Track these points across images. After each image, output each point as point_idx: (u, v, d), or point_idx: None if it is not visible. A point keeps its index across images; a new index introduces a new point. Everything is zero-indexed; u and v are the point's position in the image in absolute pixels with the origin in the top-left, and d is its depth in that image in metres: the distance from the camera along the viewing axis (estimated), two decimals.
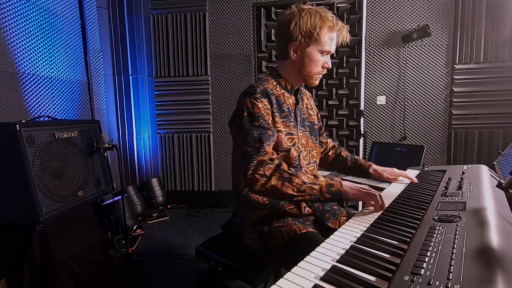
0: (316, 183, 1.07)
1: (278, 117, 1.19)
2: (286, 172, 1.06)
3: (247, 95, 1.16)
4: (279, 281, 0.63)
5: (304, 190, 1.05)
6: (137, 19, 3.33)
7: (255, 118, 1.12)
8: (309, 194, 1.06)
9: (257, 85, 1.19)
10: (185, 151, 3.54)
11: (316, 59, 1.17)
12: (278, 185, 1.05)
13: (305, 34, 1.14)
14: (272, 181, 1.05)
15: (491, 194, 0.96)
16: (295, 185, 1.05)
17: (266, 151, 1.08)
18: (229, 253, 1.24)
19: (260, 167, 1.06)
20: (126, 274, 2.19)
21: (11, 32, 2.07)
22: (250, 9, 3.20)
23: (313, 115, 1.40)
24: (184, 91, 3.45)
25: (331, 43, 1.17)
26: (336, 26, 1.15)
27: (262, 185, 1.05)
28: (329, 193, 1.06)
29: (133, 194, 3.08)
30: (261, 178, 1.05)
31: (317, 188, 1.06)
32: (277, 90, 1.24)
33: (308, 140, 1.32)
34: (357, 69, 2.94)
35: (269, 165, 1.06)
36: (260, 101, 1.14)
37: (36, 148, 1.63)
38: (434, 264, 0.58)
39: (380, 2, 3.01)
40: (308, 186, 1.06)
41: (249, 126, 1.12)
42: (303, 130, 1.30)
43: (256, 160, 1.06)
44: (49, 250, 1.67)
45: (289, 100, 1.27)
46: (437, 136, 3.11)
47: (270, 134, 1.12)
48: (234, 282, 1.23)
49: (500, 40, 2.83)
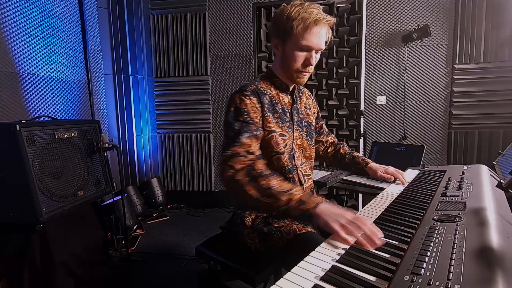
0: (286, 193, 0.93)
1: (271, 117, 1.16)
2: (255, 171, 0.98)
3: (237, 92, 1.15)
4: (279, 281, 0.63)
5: (268, 195, 0.94)
6: (137, 19, 3.33)
7: (241, 113, 1.10)
8: (274, 203, 0.93)
9: (249, 84, 1.18)
10: (185, 151, 3.54)
11: (294, 55, 1.11)
12: (242, 182, 0.97)
13: (280, 27, 1.11)
14: (238, 176, 0.98)
15: (491, 194, 0.96)
16: (259, 186, 0.95)
17: (243, 142, 1.03)
18: (229, 253, 1.24)
19: (231, 158, 1.00)
20: (126, 274, 2.19)
21: (11, 32, 2.07)
22: (250, 9, 3.19)
23: (311, 115, 1.38)
24: (184, 91, 3.45)
25: (308, 37, 1.07)
26: (310, 18, 1.05)
27: (229, 178, 0.99)
28: (297, 210, 0.91)
29: (133, 194, 3.08)
30: (229, 169, 0.99)
31: (285, 199, 0.92)
32: (271, 90, 1.21)
33: (303, 141, 1.30)
34: (357, 69, 2.94)
35: (241, 158, 1.00)
36: (249, 98, 1.12)
37: (36, 148, 1.63)
38: (434, 264, 0.58)
39: (380, 2, 3.01)
40: (274, 192, 0.93)
41: (232, 120, 1.10)
42: (299, 130, 1.28)
43: (230, 151, 1.02)
44: (49, 250, 1.68)
45: (285, 100, 1.24)
46: (437, 136, 3.11)
47: (253, 128, 1.09)
48: (234, 282, 1.23)
49: (500, 40, 2.83)
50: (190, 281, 2.07)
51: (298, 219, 0.98)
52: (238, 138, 1.04)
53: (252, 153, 1.04)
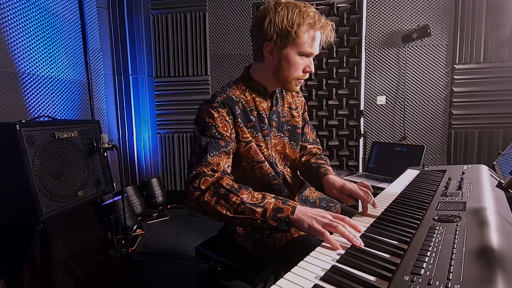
0: (260, 205, 0.89)
1: (245, 127, 1.08)
2: (224, 188, 0.92)
3: (206, 104, 1.06)
4: (279, 281, 0.63)
5: (242, 212, 0.89)
6: (137, 19, 3.33)
7: (208, 128, 1.01)
8: (249, 218, 0.88)
9: (219, 93, 1.08)
10: (185, 151, 3.54)
11: (295, 62, 1.03)
12: (211, 202, 0.91)
13: (281, 33, 0.98)
14: (205, 197, 0.92)
15: (491, 194, 0.96)
16: (232, 204, 0.90)
17: (209, 162, 0.96)
18: (229, 253, 1.24)
19: (196, 179, 0.94)
20: (126, 274, 2.18)
21: (11, 32, 2.07)
22: (250, 9, 3.20)
23: (297, 117, 1.26)
24: (184, 91, 3.45)
25: (313, 43, 1.01)
26: (317, 23, 0.99)
27: (196, 200, 0.93)
28: (274, 220, 0.86)
29: (133, 194, 3.08)
30: (195, 191, 0.93)
31: (260, 211, 0.88)
32: (245, 96, 1.12)
33: (285, 146, 1.21)
34: (357, 69, 2.94)
35: (206, 178, 0.93)
36: (217, 110, 1.02)
37: (36, 148, 1.63)
38: (434, 264, 0.58)
39: (380, 2, 3.01)
40: (247, 207, 0.88)
41: (199, 134, 1.02)
42: (280, 136, 1.19)
43: (195, 171, 0.95)
44: (49, 250, 1.68)
45: (262, 105, 1.14)
46: (437, 136, 3.11)
47: (222, 144, 1.00)
48: (234, 282, 1.23)
49: (500, 40, 2.83)
50: (190, 281, 2.07)
51: (276, 230, 0.89)
52: (205, 157, 0.96)
53: (220, 169, 0.97)
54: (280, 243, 1.05)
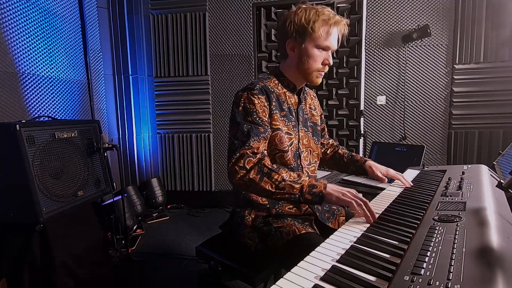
0: (298, 182, 1.03)
1: (278, 115, 1.19)
2: (266, 167, 1.05)
3: (245, 90, 1.16)
4: (279, 281, 0.63)
5: (283, 188, 1.03)
6: (137, 19, 3.33)
7: (249, 113, 1.12)
8: (288, 193, 1.03)
9: (257, 82, 1.19)
10: (185, 151, 3.54)
11: (314, 55, 1.15)
12: (256, 179, 1.04)
13: (299, 29, 1.13)
14: (250, 174, 1.04)
15: (491, 194, 0.96)
16: (274, 181, 1.03)
17: (251, 146, 1.08)
18: (229, 253, 1.24)
19: (241, 160, 1.06)
20: (126, 274, 2.19)
21: (11, 32, 2.07)
22: (250, 9, 3.19)
23: (316, 116, 1.39)
24: (184, 91, 3.45)
25: (328, 37, 1.14)
26: (332, 20, 1.12)
27: (241, 178, 1.05)
28: (310, 194, 1.01)
29: (133, 194, 3.08)
30: (240, 170, 1.05)
31: (298, 187, 1.02)
32: (278, 89, 1.24)
33: (310, 141, 1.31)
34: (357, 69, 2.94)
35: (250, 158, 1.06)
36: (257, 97, 1.14)
37: (36, 148, 1.63)
38: (434, 264, 0.58)
39: (380, 2, 3.01)
40: (287, 184, 1.03)
41: (241, 120, 1.13)
42: (305, 130, 1.29)
43: (239, 153, 1.07)
44: (49, 250, 1.67)
45: (291, 100, 1.26)
46: (437, 136, 3.11)
47: (261, 131, 1.11)
48: (234, 282, 1.23)
49: (500, 40, 2.83)
50: (190, 281, 2.07)
51: (310, 202, 1.05)
52: (248, 141, 1.08)
53: (259, 152, 1.09)
54: (287, 237, 1.09)
